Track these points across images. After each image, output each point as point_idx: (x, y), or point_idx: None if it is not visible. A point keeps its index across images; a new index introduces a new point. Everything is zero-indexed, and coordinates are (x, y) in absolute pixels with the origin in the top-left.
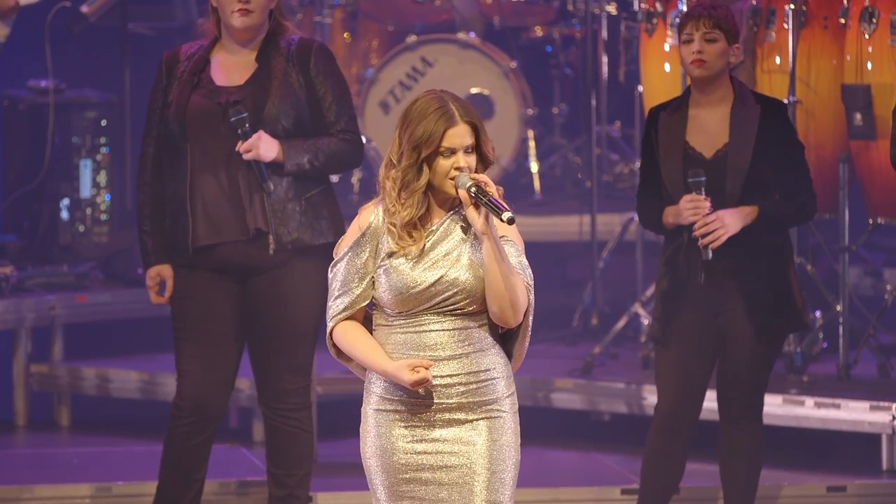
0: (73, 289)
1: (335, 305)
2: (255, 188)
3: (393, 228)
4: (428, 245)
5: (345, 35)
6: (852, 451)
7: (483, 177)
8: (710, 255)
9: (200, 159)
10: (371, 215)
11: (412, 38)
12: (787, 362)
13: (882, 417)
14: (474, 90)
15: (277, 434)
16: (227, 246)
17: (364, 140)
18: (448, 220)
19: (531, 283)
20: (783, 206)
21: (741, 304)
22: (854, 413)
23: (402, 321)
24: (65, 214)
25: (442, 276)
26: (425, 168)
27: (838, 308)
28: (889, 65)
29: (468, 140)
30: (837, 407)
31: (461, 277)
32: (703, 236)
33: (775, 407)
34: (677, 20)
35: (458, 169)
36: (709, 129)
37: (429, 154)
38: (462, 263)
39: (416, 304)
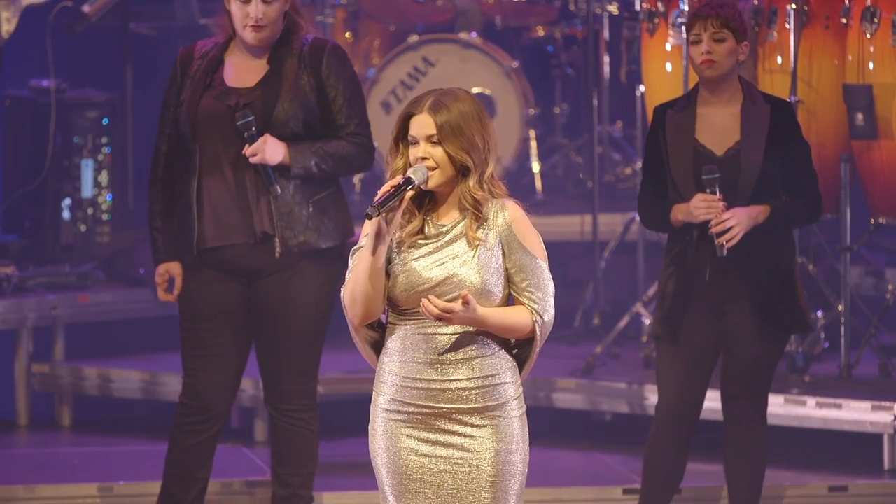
0: (75, 289)
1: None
2: (263, 191)
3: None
4: (440, 243)
5: (346, 35)
6: (854, 451)
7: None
8: (725, 252)
9: (209, 160)
10: None
11: (414, 38)
12: (788, 362)
13: (883, 417)
14: (476, 90)
15: (283, 434)
16: (233, 248)
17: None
18: (463, 222)
19: (544, 306)
20: (791, 206)
21: (746, 303)
22: (855, 413)
23: (409, 320)
24: (66, 214)
25: (450, 276)
26: (401, 149)
27: (840, 308)
28: (891, 65)
29: (426, 130)
30: (839, 407)
31: (470, 279)
32: (720, 234)
33: (777, 407)
34: (679, 20)
35: (422, 158)
36: (718, 127)
37: (396, 136)
38: (472, 266)
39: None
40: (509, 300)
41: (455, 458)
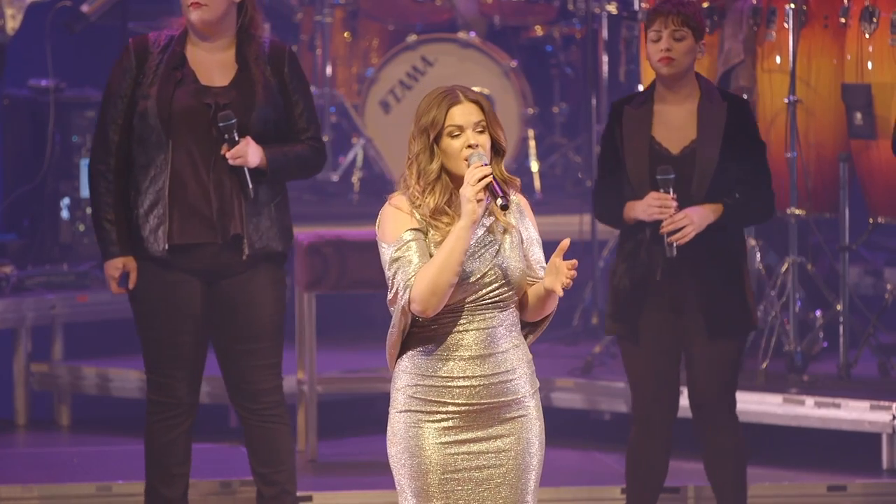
0: (74, 288)
1: (412, 270)
2: (236, 192)
3: (427, 220)
4: (476, 237)
5: (345, 34)
6: (852, 450)
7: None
8: (675, 252)
9: (182, 158)
10: (406, 204)
11: (412, 38)
12: (787, 362)
13: (882, 417)
14: (475, 89)
15: (258, 434)
16: (200, 248)
17: (364, 140)
18: (488, 209)
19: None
20: (745, 204)
21: (698, 303)
22: (854, 412)
23: (436, 317)
24: (65, 213)
25: (491, 268)
26: (437, 150)
27: (838, 307)
28: (889, 64)
29: (475, 117)
30: (838, 406)
31: (510, 268)
32: (670, 233)
33: (775, 406)
34: None
35: (469, 147)
36: (675, 124)
37: (437, 135)
38: (508, 253)
39: (464, 296)
40: None
41: (481, 452)
